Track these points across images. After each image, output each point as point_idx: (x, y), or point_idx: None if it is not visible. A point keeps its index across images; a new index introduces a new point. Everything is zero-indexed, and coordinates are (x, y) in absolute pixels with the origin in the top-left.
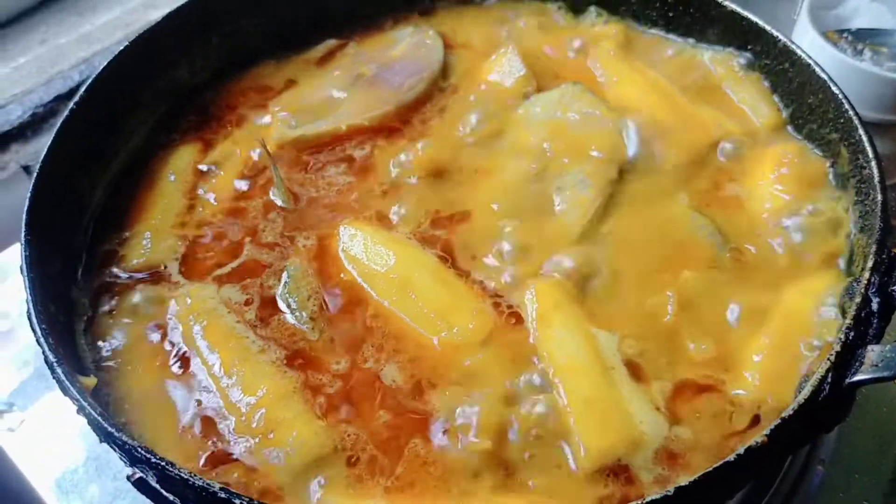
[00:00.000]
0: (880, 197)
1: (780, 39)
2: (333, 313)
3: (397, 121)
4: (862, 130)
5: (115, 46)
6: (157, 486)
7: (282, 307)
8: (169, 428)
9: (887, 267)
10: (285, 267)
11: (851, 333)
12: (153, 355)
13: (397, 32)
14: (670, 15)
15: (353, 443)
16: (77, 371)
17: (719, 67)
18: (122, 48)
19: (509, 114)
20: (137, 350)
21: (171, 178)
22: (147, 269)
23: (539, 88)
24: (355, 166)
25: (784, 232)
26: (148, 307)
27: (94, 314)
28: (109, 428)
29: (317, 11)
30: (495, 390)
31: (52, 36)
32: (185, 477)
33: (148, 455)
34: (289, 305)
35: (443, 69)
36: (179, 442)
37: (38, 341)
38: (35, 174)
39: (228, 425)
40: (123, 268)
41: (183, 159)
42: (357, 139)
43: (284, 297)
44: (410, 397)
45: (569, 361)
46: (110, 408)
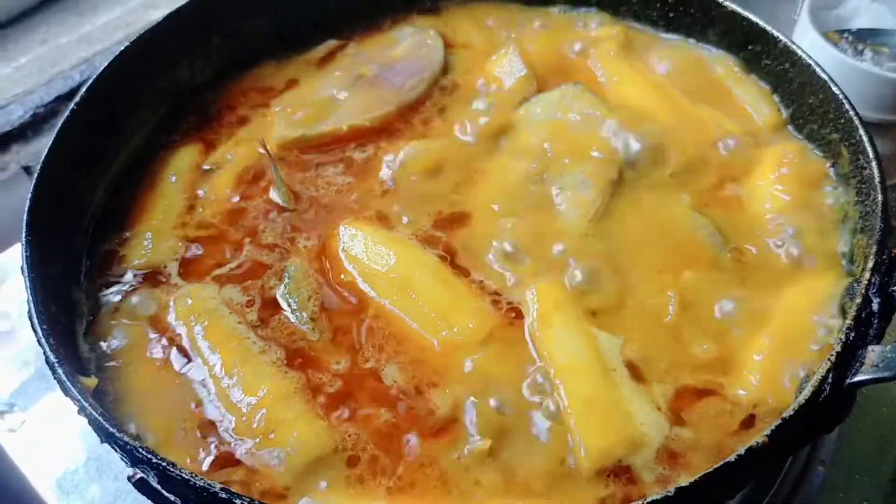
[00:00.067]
0: (881, 197)
1: (781, 40)
2: (334, 313)
3: (398, 121)
4: (862, 131)
5: (116, 47)
6: (158, 487)
7: (283, 305)
8: (170, 428)
9: (888, 267)
10: (285, 267)
11: (852, 334)
12: (154, 356)
13: (398, 32)
14: (671, 15)
15: (354, 443)
16: (78, 371)
17: (719, 67)
18: (123, 48)
19: (510, 114)
20: (138, 350)
21: (172, 179)
22: (148, 270)
23: (540, 89)
24: (356, 166)
25: (784, 232)
26: (149, 307)
27: (95, 314)
28: (110, 428)
29: (317, 12)
30: (496, 390)
31: (53, 36)
32: (186, 477)
33: (149, 455)
34: (289, 305)
35: (443, 69)
36: (180, 442)
37: (39, 342)
38: (36, 175)
39: (229, 426)
40: (124, 268)
41: (184, 160)
42: (358, 139)
43: (285, 297)
44: (411, 397)
45: (569, 362)
46: (111, 408)
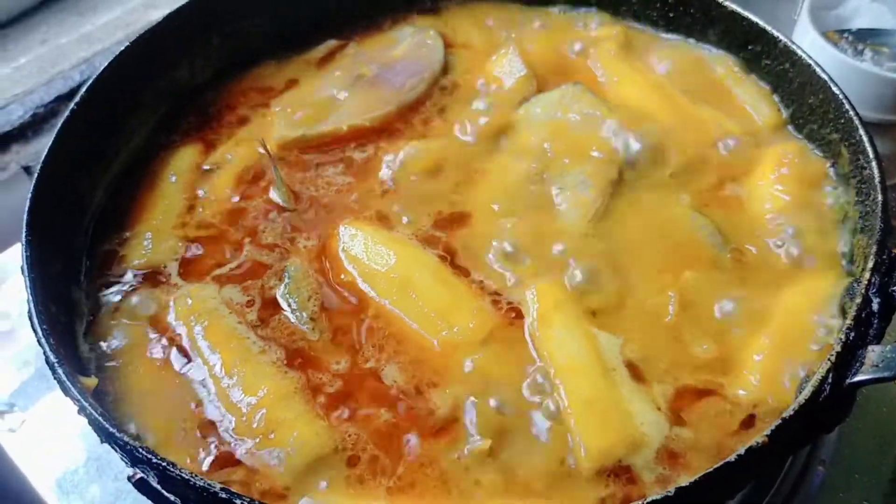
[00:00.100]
0: (881, 197)
1: (781, 40)
2: (334, 313)
3: (398, 121)
4: (862, 131)
5: (116, 47)
6: (158, 487)
7: (283, 305)
8: (170, 428)
9: (888, 267)
10: (285, 267)
11: (852, 334)
12: (154, 356)
13: (398, 32)
14: (671, 15)
15: (354, 443)
16: (78, 371)
17: (719, 67)
18: (123, 48)
19: (510, 114)
20: (138, 350)
21: (172, 179)
22: (148, 270)
23: (540, 89)
24: (356, 166)
25: (784, 232)
26: (149, 307)
27: (95, 314)
28: (110, 428)
29: (317, 12)
30: (496, 390)
31: (53, 36)
32: (186, 477)
33: (149, 455)
34: (289, 305)
35: (443, 69)
36: (180, 442)
37: (39, 342)
38: (36, 175)
39: (229, 426)
40: (124, 268)
41: (184, 160)
42: (358, 139)
43: (285, 297)
44: (411, 397)
45: (569, 362)
46: (111, 408)
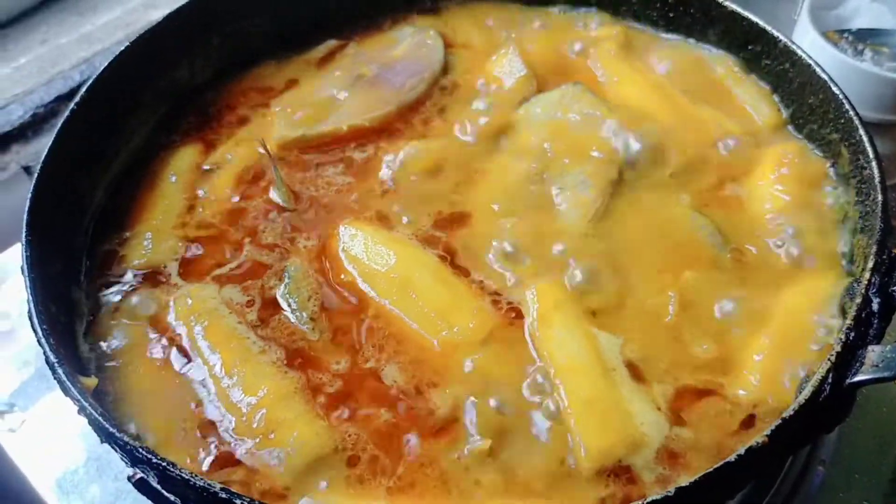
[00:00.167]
0: (881, 197)
1: (781, 40)
2: (334, 313)
3: (398, 121)
4: (862, 131)
5: (116, 47)
6: (158, 487)
7: (283, 305)
8: (170, 428)
9: (888, 267)
10: (285, 267)
11: (852, 334)
12: (154, 356)
13: (398, 32)
14: (671, 15)
15: (354, 443)
16: (78, 371)
17: (719, 67)
18: (123, 48)
19: (510, 114)
20: (138, 350)
21: (172, 179)
22: (148, 270)
23: (540, 89)
24: (356, 166)
25: (784, 232)
26: (149, 307)
27: (95, 314)
28: (110, 428)
29: (317, 12)
30: (496, 390)
31: (53, 36)
32: (186, 477)
33: (149, 455)
34: (289, 305)
35: (443, 69)
36: (180, 442)
37: (39, 342)
38: (36, 175)
39: (229, 426)
40: (124, 268)
41: (184, 160)
42: (358, 139)
43: (285, 297)
44: (411, 397)
45: (569, 362)
46: (111, 408)
